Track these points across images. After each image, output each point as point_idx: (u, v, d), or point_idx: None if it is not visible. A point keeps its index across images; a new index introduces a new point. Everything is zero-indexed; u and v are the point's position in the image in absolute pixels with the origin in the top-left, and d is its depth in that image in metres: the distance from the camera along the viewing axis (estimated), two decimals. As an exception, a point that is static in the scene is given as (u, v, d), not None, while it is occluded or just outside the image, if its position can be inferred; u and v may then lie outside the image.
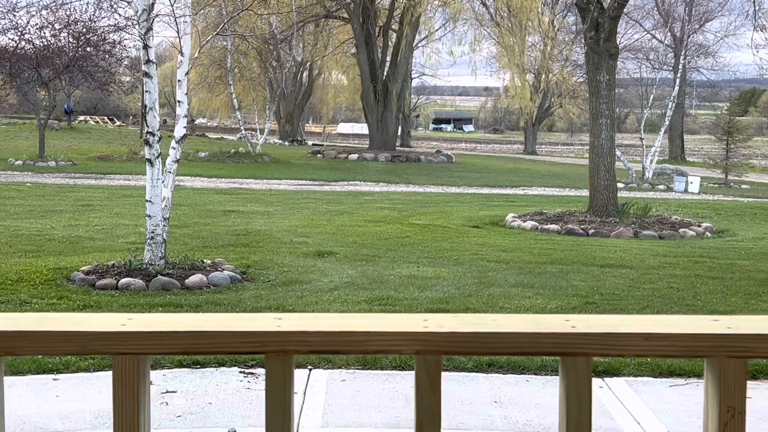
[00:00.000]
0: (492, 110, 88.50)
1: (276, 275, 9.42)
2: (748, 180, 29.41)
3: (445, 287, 8.93)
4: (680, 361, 6.01)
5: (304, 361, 6.00)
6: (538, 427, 4.95)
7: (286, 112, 49.23)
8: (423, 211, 17.19)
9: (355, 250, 11.45)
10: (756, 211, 19.18)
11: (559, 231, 14.51)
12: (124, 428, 1.58)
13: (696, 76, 49.69)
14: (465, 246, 12.24)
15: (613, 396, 5.56)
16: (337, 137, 64.40)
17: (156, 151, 9.12)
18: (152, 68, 9.25)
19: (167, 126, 34.13)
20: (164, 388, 5.51)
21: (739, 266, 10.90)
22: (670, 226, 15.14)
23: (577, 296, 8.57)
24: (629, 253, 11.97)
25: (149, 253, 9.05)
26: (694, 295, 8.79)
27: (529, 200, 20.72)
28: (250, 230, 13.32)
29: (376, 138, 37.38)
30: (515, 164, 37.35)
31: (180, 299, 8.10)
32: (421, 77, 54.14)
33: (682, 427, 4.96)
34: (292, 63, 43.67)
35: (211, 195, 19.56)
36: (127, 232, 12.58)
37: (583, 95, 37.51)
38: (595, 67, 16.01)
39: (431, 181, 26.36)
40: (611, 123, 16.25)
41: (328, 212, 16.45)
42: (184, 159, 24.80)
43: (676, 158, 44.04)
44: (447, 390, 5.46)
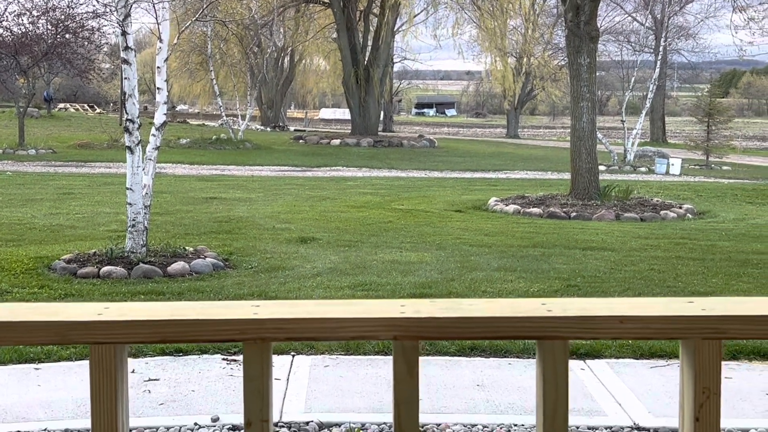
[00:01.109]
0: (474, 94, 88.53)
1: (258, 262, 9.41)
2: (729, 161, 29.57)
3: (427, 272, 8.95)
4: (661, 343, 6.05)
5: (287, 347, 6.00)
6: (520, 409, 4.98)
7: (268, 98, 49.07)
8: (406, 196, 17.20)
9: (337, 236, 11.45)
10: (737, 193, 19.30)
11: (541, 214, 14.55)
12: (101, 417, 1.58)
13: (677, 58, 49.88)
14: (447, 230, 12.27)
15: (594, 378, 5.59)
16: (320, 123, 64.26)
17: (136, 138, 9.07)
18: (131, 55, 9.19)
19: (147, 113, 33.94)
20: (147, 376, 5.51)
21: (720, 247, 10.98)
22: (651, 208, 15.22)
23: (559, 279, 8.61)
24: (611, 235, 12.03)
25: (131, 241, 9.01)
26: (675, 277, 8.85)
27: (512, 184, 20.76)
28: (232, 217, 13.30)
29: (358, 123, 37.32)
30: (498, 148, 37.40)
31: (162, 287, 8.08)
32: (403, 62, 54.06)
33: (662, 408, 5.00)
34: (273, 48, 43.49)
35: (192, 182, 19.49)
36: (108, 220, 12.53)
37: (565, 78, 37.58)
38: (576, 51, 16.02)
39: (414, 165, 26.36)
40: (592, 106, 16.29)
41: (310, 198, 16.44)
42: (165, 146, 24.70)
43: (658, 140, 44.20)
44: (429, 374, 5.47)
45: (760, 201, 17.65)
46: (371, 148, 34.19)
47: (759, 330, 1.57)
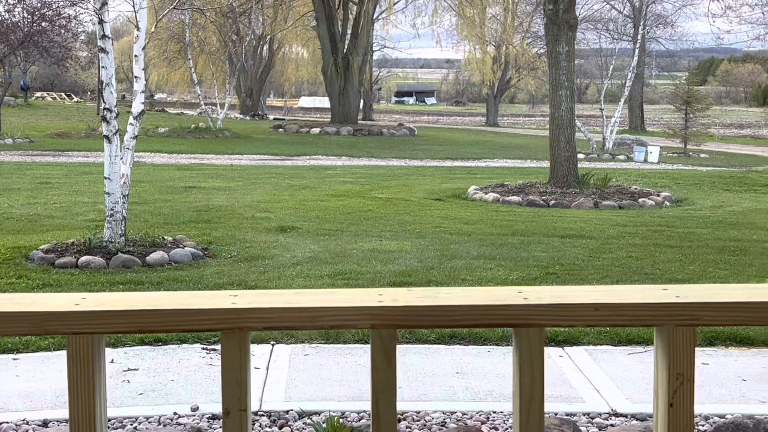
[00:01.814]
0: (454, 82, 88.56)
1: (238, 251, 9.39)
2: (706, 149, 29.72)
3: (407, 260, 8.97)
4: (639, 330, 6.10)
5: (267, 336, 6.01)
6: (499, 396, 5.01)
7: (247, 87, 48.89)
8: (385, 185, 17.20)
9: (317, 225, 11.45)
10: (714, 180, 19.44)
11: (521, 202, 14.60)
12: (79, 407, 1.58)
13: (655, 46, 50.07)
14: (427, 219, 12.29)
15: (573, 365, 5.63)
16: (299, 111, 64.10)
17: (114, 127, 9.02)
18: (108, 43, 9.12)
19: (126, 102, 33.73)
20: (126, 365, 5.50)
21: (698, 235, 11.06)
22: (629, 196, 15.30)
23: (538, 267, 8.65)
24: (589, 223, 12.09)
25: (109, 230, 8.97)
26: (652, 264, 8.91)
27: (491, 172, 20.81)
28: (211, 206, 13.26)
29: (337, 112, 37.26)
30: (477, 136, 37.45)
31: (141, 276, 8.05)
32: (383, 50, 53.98)
33: (640, 394, 5.05)
34: (252, 37, 43.30)
35: (171, 171, 19.41)
36: (86, 209, 12.46)
37: (543, 67, 37.66)
38: (555, 39, 16.06)
39: (394, 154, 26.36)
40: (571, 94, 16.33)
41: (290, 187, 16.41)
42: (143, 135, 24.57)
43: (636, 128, 44.39)
44: (409, 362, 5.48)
45: (738, 188, 17.78)
46: (351, 136, 34.15)
47: (732, 317, 1.59)
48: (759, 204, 14.88)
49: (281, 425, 4.55)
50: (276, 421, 4.61)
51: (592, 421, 4.67)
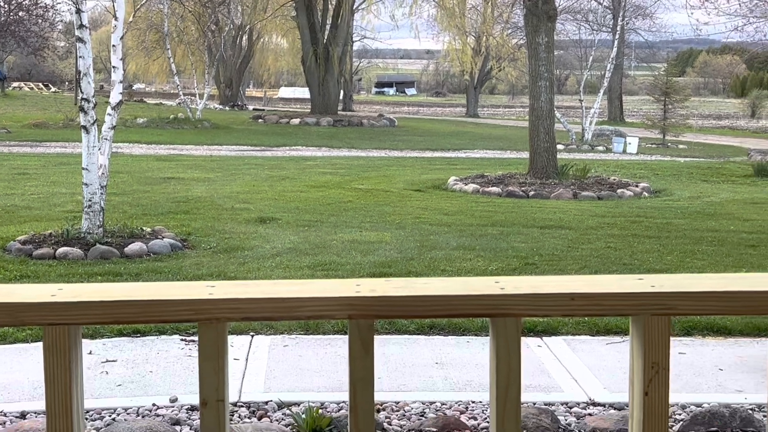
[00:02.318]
0: (434, 73, 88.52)
1: (217, 242, 9.37)
2: (685, 140, 29.87)
3: (387, 251, 8.98)
4: (617, 320, 6.14)
5: (246, 327, 6.00)
6: (478, 387, 5.03)
7: (226, 77, 48.66)
8: (365, 176, 17.19)
9: (297, 216, 11.43)
10: (692, 171, 19.55)
11: (500, 193, 14.64)
12: (56, 398, 1.57)
13: (634, 37, 50.25)
14: (407, 210, 12.30)
15: (551, 355, 5.66)
16: (279, 102, 63.88)
17: (91, 117, 8.96)
18: (86, 33, 9.06)
19: (103, 92, 33.51)
20: (104, 357, 5.48)
21: (675, 225, 11.13)
22: (608, 186, 15.37)
23: (517, 258, 8.68)
24: (568, 214, 12.14)
25: (87, 221, 8.92)
26: (631, 255, 8.96)
27: (471, 163, 20.84)
28: (190, 197, 13.21)
29: (317, 102, 37.17)
30: (457, 127, 37.48)
31: (119, 268, 8.02)
32: (363, 40, 53.89)
33: (617, 384, 5.08)
34: (231, 27, 43.11)
35: (150, 162, 19.32)
36: (64, 200, 12.38)
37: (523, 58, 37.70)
38: (534, 30, 16.08)
39: (374, 145, 26.35)
40: (550, 85, 16.38)
41: (269, 178, 16.37)
42: (121, 125, 24.41)
43: (615, 119, 44.55)
44: (389, 352, 5.48)
45: (715, 179, 17.90)
46: (331, 127, 34.09)
47: (705, 306, 1.61)
48: (736, 195, 14.99)
49: (260, 416, 4.55)
50: (255, 412, 4.61)
51: (570, 411, 4.70)
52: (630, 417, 1.64)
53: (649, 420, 1.59)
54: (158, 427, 4.20)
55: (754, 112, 52.22)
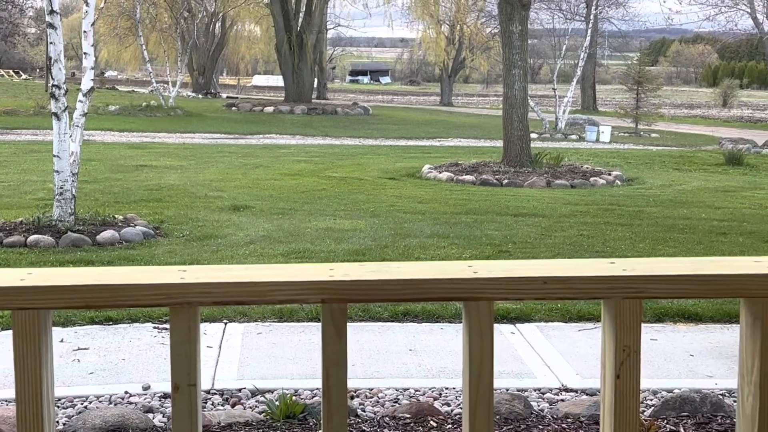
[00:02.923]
0: (408, 62, 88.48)
1: (190, 230, 9.32)
2: (657, 129, 30.05)
3: (361, 239, 8.97)
4: (589, 306, 6.18)
5: (220, 315, 5.98)
6: (452, 373, 5.04)
7: (199, 64, 48.36)
8: (340, 164, 17.17)
9: (271, 204, 11.40)
10: (664, 159, 19.69)
11: (474, 181, 14.67)
12: (26, 384, 1.56)
13: (607, 26, 50.44)
14: (381, 198, 12.29)
15: (524, 341, 5.69)
16: (252, 90, 63.61)
17: (62, 104, 8.88)
18: (56, 19, 8.96)
19: (75, 79, 33.18)
20: (76, 345, 5.44)
21: (647, 213, 11.21)
22: (581, 175, 15.45)
23: (490, 245, 8.70)
24: (542, 202, 12.19)
25: (58, 209, 8.85)
26: (603, 242, 9.01)
27: (445, 151, 20.86)
28: (163, 185, 13.13)
29: (291, 90, 37.05)
30: (432, 116, 37.49)
31: (91, 255, 7.96)
32: (337, 28, 53.76)
33: (589, 370, 5.12)
34: (204, 13, 42.82)
35: (122, 149, 19.17)
36: (35, 188, 12.27)
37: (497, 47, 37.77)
38: (508, 18, 16.10)
39: (348, 133, 26.30)
40: (524, 74, 16.41)
41: (243, 166, 16.30)
42: (93, 113, 24.22)
43: (589, 108, 44.76)
44: (362, 340, 5.47)
45: (687, 168, 18.04)
46: (305, 115, 33.99)
47: (676, 289, 1.62)
48: (708, 183, 15.12)
49: (234, 403, 4.54)
50: (228, 399, 4.59)
51: (543, 397, 4.72)
52: (602, 400, 1.65)
53: (620, 402, 1.60)
54: (131, 415, 4.18)
55: (725, 102, 52.66)
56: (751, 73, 79.29)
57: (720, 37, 51.58)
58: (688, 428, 4.19)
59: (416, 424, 4.20)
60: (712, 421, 4.27)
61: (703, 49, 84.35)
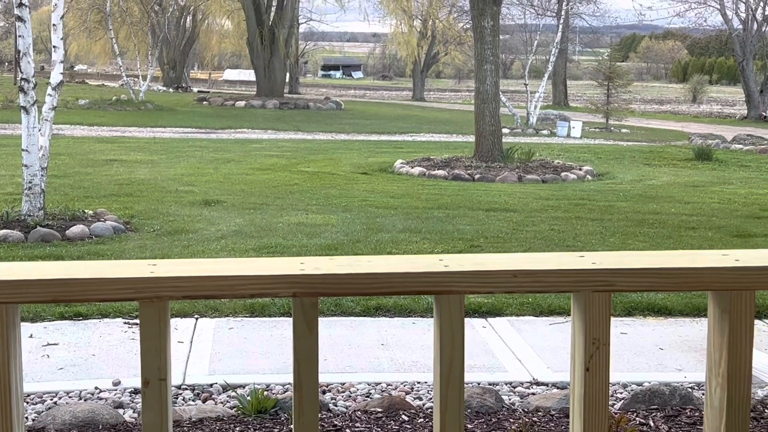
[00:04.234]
0: (381, 57, 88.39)
1: (161, 225, 9.27)
2: (627, 124, 30.25)
3: (333, 234, 8.97)
4: (560, 301, 6.22)
5: (191, 310, 5.95)
6: (424, 367, 5.05)
7: (170, 58, 48.05)
8: (312, 159, 17.14)
9: (242, 199, 11.36)
10: (635, 155, 19.83)
11: (446, 176, 14.70)
12: (-7, 380, 1.54)
13: (578, 22, 50.61)
14: (354, 193, 12.29)
15: (495, 335, 5.71)
16: (224, 84, 63.27)
17: (31, 98, 8.79)
18: (25, 12, 8.87)
19: (44, 73, 32.85)
20: (45, 340, 5.39)
21: (618, 208, 11.29)
22: (552, 170, 15.52)
23: (462, 240, 8.73)
24: (513, 197, 12.24)
25: (27, 204, 8.77)
26: (574, 237, 9.07)
27: (418, 146, 20.88)
28: (133, 179, 13.04)
29: (263, 85, 36.91)
30: (404, 111, 37.51)
31: (61, 250, 7.90)
32: (309, 23, 53.58)
33: (560, 364, 5.15)
34: (175, 7, 42.54)
35: (92, 144, 19.01)
36: (3, 182, 12.14)
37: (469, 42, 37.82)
38: (480, 13, 16.14)
39: (320, 128, 26.25)
40: (496, 69, 16.46)
41: (214, 160, 16.23)
42: (63, 107, 24.00)
43: (560, 104, 44.95)
44: (335, 334, 5.47)
45: (657, 163, 18.18)
46: (277, 110, 33.89)
47: (645, 282, 1.63)
48: (677, 178, 15.25)
49: (205, 398, 4.52)
50: (200, 394, 4.58)
51: (514, 390, 4.75)
52: (571, 393, 1.66)
53: (589, 395, 1.61)
54: (101, 410, 4.15)
55: (695, 97, 53.10)
56: (721, 69, 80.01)
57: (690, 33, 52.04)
58: (658, 421, 4.23)
59: (388, 418, 4.21)
60: (681, 413, 4.31)
61: (673, 45, 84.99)
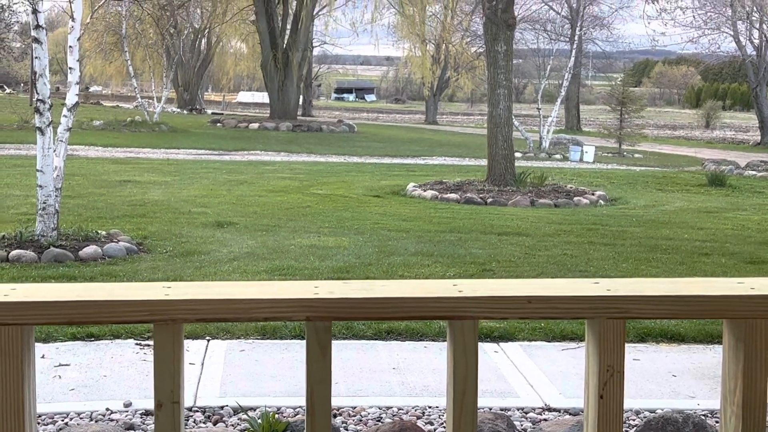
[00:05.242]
0: (394, 80, 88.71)
1: (174, 246, 9.29)
2: (640, 149, 30.21)
3: (345, 257, 8.97)
4: (572, 326, 6.19)
5: (202, 331, 5.95)
6: (435, 392, 5.04)
7: (185, 80, 48.34)
8: (324, 181, 17.17)
9: (255, 220, 11.38)
10: (647, 180, 19.79)
11: (459, 200, 14.70)
12: (7, 400, 1.55)
13: (591, 47, 50.75)
14: (366, 215, 12.30)
15: (507, 360, 5.69)
16: (238, 106, 63.58)
17: (47, 119, 8.85)
18: (42, 34, 8.95)
19: (60, 93, 33.10)
20: (57, 361, 5.40)
21: (631, 233, 11.25)
22: (565, 194, 15.50)
23: (474, 264, 8.71)
24: (526, 221, 12.22)
25: (41, 224, 8.81)
26: (586, 262, 9.04)
27: (430, 170, 20.90)
28: (146, 200, 13.09)
29: (277, 107, 37.06)
30: (416, 134, 37.58)
31: (73, 271, 7.92)
32: (323, 46, 53.87)
33: (573, 389, 5.12)
34: (190, 30, 42.86)
35: (106, 165, 19.11)
36: (17, 202, 12.20)
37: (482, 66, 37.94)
38: (493, 38, 16.19)
39: (333, 150, 26.31)
40: (509, 93, 16.49)
41: (227, 182, 16.28)
42: (78, 128, 24.13)
43: (572, 128, 44.97)
44: (346, 358, 5.46)
45: (670, 188, 18.14)
46: (290, 132, 34.00)
47: (660, 309, 1.63)
48: (690, 204, 15.20)
49: (216, 421, 4.52)
50: (210, 416, 4.57)
51: (526, 416, 4.72)
52: (585, 420, 1.65)
53: (603, 423, 1.60)
54: (112, 432, 4.15)
55: (708, 123, 53.01)
56: (734, 95, 79.92)
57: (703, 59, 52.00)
58: (671, 448, 4.20)
59: (399, 442, 4.19)
60: (694, 441, 4.28)
61: (686, 71, 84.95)
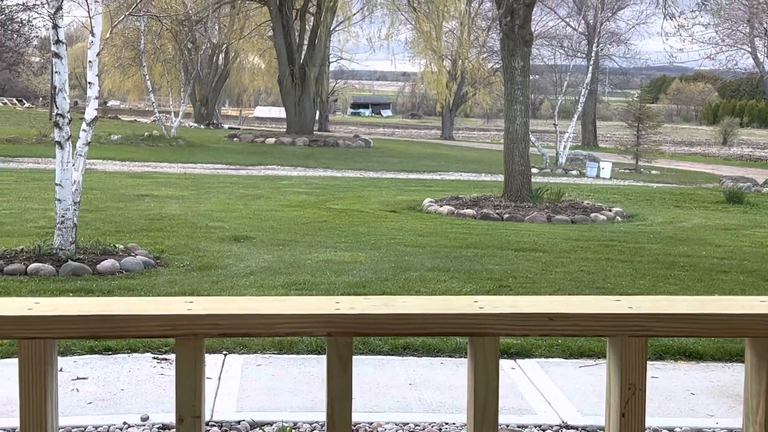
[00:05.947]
0: (410, 95, 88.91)
1: (191, 260, 9.32)
2: (657, 166, 30.14)
3: (361, 272, 8.96)
4: (590, 343, 6.16)
5: (219, 345, 5.96)
6: (452, 408, 5.02)
7: (202, 95, 48.60)
8: (341, 196, 17.19)
9: (271, 235, 11.40)
10: (665, 196, 19.72)
11: (475, 215, 14.68)
12: (30, 414, 1.56)
13: (608, 63, 50.74)
14: (382, 230, 12.30)
15: (525, 377, 5.67)
16: (254, 121, 63.86)
17: (66, 133, 8.91)
18: (62, 48, 9.02)
19: (78, 108, 33.34)
20: (75, 374, 5.42)
21: (648, 250, 11.20)
22: (582, 210, 15.46)
23: (491, 279, 8.69)
24: (542, 237, 12.19)
25: (59, 237, 8.85)
26: (604, 278, 9.00)
27: (446, 185, 20.90)
28: (164, 214, 13.14)
29: (293, 122, 37.18)
30: (433, 149, 37.60)
31: (91, 285, 7.95)
32: (339, 61, 54.05)
33: (591, 407, 5.09)
34: (208, 45, 43.10)
35: (123, 179, 19.21)
36: (36, 216, 12.28)
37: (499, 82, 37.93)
38: (510, 54, 16.20)
39: (349, 165, 26.37)
40: (526, 109, 16.48)
41: (244, 196, 16.33)
42: (96, 142, 24.27)
43: (589, 144, 44.89)
44: (362, 373, 5.46)
45: (687, 205, 18.06)
46: (306, 147, 34.10)
47: (682, 328, 1.62)
48: (708, 220, 15.13)
49: (233, 435, 4.52)
50: (227, 431, 4.57)
51: (544, 433, 4.70)
52: (606, 438, 1.64)
53: (625, 441, 1.59)
54: (129, 446, 4.15)
55: (725, 140, 52.83)
56: (752, 112, 79.62)
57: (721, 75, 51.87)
58: (689, 467, 4.17)
59: (416, 459, 4.18)
60: (714, 460, 4.24)
61: (703, 87, 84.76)
